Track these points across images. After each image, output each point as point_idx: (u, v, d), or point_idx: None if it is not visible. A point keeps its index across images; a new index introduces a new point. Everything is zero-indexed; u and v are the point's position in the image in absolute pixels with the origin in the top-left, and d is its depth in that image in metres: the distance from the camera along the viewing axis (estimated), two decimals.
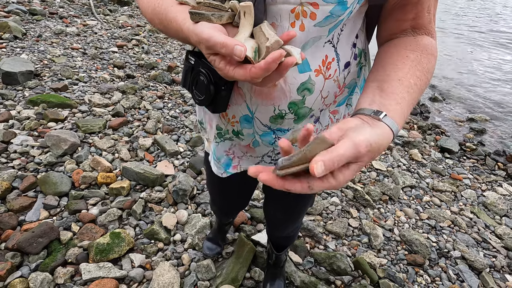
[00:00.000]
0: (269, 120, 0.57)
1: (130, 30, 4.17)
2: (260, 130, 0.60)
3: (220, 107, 0.56)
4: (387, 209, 1.94)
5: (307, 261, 1.49)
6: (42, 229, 1.32)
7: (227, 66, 0.39)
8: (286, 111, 0.55)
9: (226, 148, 0.72)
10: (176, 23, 0.45)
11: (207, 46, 0.39)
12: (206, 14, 0.41)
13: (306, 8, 0.44)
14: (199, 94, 0.54)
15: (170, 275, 1.28)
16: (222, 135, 0.67)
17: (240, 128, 0.62)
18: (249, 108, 0.57)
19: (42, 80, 2.49)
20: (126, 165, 1.74)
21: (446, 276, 1.54)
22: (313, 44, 0.49)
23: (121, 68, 3.09)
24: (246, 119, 0.59)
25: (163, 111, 2.51)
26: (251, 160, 0.71)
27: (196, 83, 0.53)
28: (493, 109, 3.73)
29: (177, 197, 1.67)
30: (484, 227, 1.91)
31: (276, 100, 0.54)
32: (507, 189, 2.29)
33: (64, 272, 1.22)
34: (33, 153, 1.75)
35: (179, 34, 0.46)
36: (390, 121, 0.42)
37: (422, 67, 0.50)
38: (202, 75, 0.51)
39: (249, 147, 0.67)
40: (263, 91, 0.53)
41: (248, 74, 0.38)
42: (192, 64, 0.53)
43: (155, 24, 0.52)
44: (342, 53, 0.54)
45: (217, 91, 0.52)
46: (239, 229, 1.60)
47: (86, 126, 2.03)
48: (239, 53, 0.36)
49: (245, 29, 0.42)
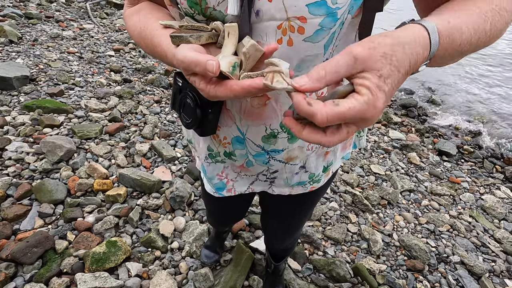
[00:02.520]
0: (261, 140, 0.56)
1: (126, 34, 4.15)
2: (253, 150, 0.59)
3: (208, 130, 0.55)
4: (386, 213, 1.93)
5: (306, 268, 1.48)
6: (37, 238, 1.30)
7: (207, 86, 0.38)
8: (279, 130, 0.54)
9: (218, 171, 0.70)
10: (161, 48, 0.44)
11: (184, 67, 0.37)
12: (185, 36, 0.40)
13: (293, 23, 0.41)
14: (186, 117, 0.52)
15: (168, 284, 1.26)
16: (214, 157, 0.66)
17: (232, 149, 0.61)
18: (240, 130, 0.56)
19: (37, 85, 2.47)
20: (123, 172, 1.73)
21: (446, 282, 1.53)
22: (310, 64, 0.47)
23: (117, 72, 3.07)
24: (238, 140, 0.58)
25: (160, 115, 2.49)
26: (246, 180, 0.70)
27: (184, 105, 0.52)
28: (491, 112, 3.75)
29: (174, 203, 1.65)
30: (483, 231, 1.90)
31: (267, 120, 0.52)
32: (505, 192, 2.29)
33: (59, 283, 1.20)
34: (28, 160, 1.72)
35: (164, 59, 0.45)
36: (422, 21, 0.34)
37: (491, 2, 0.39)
38: (189, 97, 0.50)
39: (243, 167, 0.65)
40: (253, 112, 0.51)
41: (229, 91, 0.36)
42: (180, 86, 0.52)
43: (142, 48, 0.51)
44: None
45: (204, 114, 0.50)
46: (237, 236, 1.58)
47: (82, 131, 2.00)
48: (211, 68, 0.34)
49: (228, 48, 0.41)
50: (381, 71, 0.30)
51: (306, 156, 0.62)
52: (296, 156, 0.60)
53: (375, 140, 2.79)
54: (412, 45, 0.32)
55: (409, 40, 0.32)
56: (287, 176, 0.66)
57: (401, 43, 0.31)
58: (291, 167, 0.63)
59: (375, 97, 0.30)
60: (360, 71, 0.31)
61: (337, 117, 0.30)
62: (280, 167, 0.63)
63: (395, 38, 0.31)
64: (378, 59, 0.30)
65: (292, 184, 0.68)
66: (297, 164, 0.63)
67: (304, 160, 0.62)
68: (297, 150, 0.59)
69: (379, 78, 0.30)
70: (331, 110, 0.30)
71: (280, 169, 0.63)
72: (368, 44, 0.31)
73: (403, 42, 0.31)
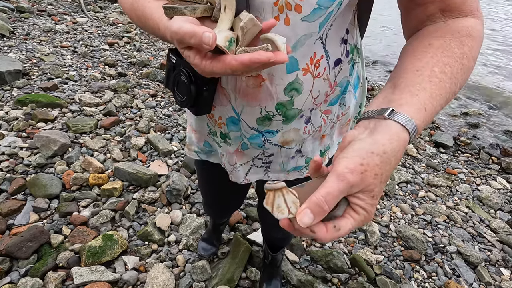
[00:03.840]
0: (256, 122, 0.55)
1: (121, 27, 4.09)
2: (248, 133, 0.58)
3: (203, 109, 0.53)
4: (383, 205, 1.94)
5: (303, 259, 1.48)
6: (31, 233, 1.28)
7: (203, 61, 0.36)
8: (274, 112, 0.52)
9: (218, 151, 0.69)
10: (153, 21, 0.42)
11: (178, 39, 0.35)
12: (179, 7, 0.38)
13: (290, 0, 0.40)
14: (180, 95, 0.51)
15: (165, 277, 1.26)
16: (213, 135, 0.65)
17: (227, 131, 0.60)
18: (235, 110, 0.54)
19: (30, 79, 2.43)
20: (119, 166, 1.71)
21: (442, 271, 1.54)
22: (304, 43, 0.46)
23: (112, 66, 3.03)
24: (233, 121, 0.57)
25: (156, 109, 2.47)
26: (242, 171, 0.69)
27: (177, 83, 0.50)
28: (487, 103, 3.75)
29: (171, 197, 1.64)
30: (479, 221, 1.91)
31: (262, 102, 0.51)
32: (501, 183, 2.30)
33: (55, 277, 1.19)
34: (22, 155, 1.70)
35: (156, 32, 0.43)
36: (401, 116, 0.35)
37: (451, 52, 0.40)
38: (183, 74, 0.48)
39: (238, 151, 0.64)
40: (248, 91, 0.50)
41: (227, 66, 0.34)
42: (174, 63, 0.50)
43: (134, 21, 0.49)
44: (331, 49, 0.50)
45: (198, 92, 0.49)
46: (234, 229, 1.58)
47: (76, 126, 1.98)
48: (207, 40, 0.32)
49: (224, 23, 0.39)
50: (373, 192, 0.33)
51: (302, 140, 0.61)
52: (292, 139, 0.59)
53: None
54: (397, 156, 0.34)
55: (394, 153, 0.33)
56: (282, 161, 0.65)
57: (388, 159, 0.33)
58: (287, 151, 0.62)
59: (370, 214, 0.34)
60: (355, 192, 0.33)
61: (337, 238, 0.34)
62: (276, 151, 0.62)
63: (382, 154, 0.33)
64: (371, 182, 0.32)
65: (288, 170, 0.67)
66: (293, 148, 0.62)
67: (300, 143, 0.61)
68: (293, 132, 0.58)
69: (372, 198, 0.33)
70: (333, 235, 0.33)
71: (276, 153, 0.62)
72: (359, 168, 0.32)
73: (390, 157, 0.33)
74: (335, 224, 0.33)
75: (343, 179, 0.31)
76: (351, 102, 0.64)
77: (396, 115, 0.35)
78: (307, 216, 0.31)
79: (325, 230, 0.33)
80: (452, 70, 0.40)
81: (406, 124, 0.34)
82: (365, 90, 0.68)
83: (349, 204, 0.34)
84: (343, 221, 0.33)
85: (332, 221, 0.34)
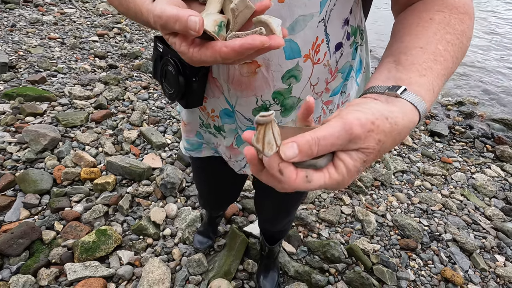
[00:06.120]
0: (252, 113, 0.51)
1: (111, 18, 3.99)
2: (244, 125, 0.55)
3: (193, 102, 0.49)
4: (379, 194, 1.93)
5: (300, 250, 1.47)
6: (22, 229, 1.25)
7: (190, 49, 0.32)
8: (271, 101, 0.49)
9: (214, 141, 0.66)
10: (135, 4, 0.38)
11: (161, 24, 0.31)
12: None
13: None
14: (168, 87, 0.47)
15: (161, 271, 1.24)
16: (206, 127, 0.62)
17: (221, 124, 0.56)
18: (228, 101, 0.51)
19: (17, 72, 2.36)
20: (111, 159, 1.67)
21: (438, 259, 1.55)
22: (305, 26, 0.42)
23: (102, 58, 2.95)
24: (227, 113, 0.53)
25: (148, 102, 2.41)
26: (237, 165, 0.66)
27: (165, 74, 0.46)
28: (482, 92, 3.76)
29: (165, 190, 1.61)
30: (474, 209, 1.92)
31: (257, 91, 0.48)
32: (496, 171, 2.32)
33: (48, 273, 1.16)
34: (11, 150, 1.65)
35: (139, 17, 0.39)
36: (413, 96, 0.33)
37: (453, 29, 0.38)
38: (170, 64, 0.44)
39: (232, 148, 0.61)
40: (242, 80, 0.46)
41: (217, 54, 0.31)
42: (161, 52, 0.46)
43: (115, 5, 0.45)
44: (332, 32, 0.46)
45: (187, 83, 0.45)
46: (230, 221, 1.56)
47: (67, 119, 1.93)
48: (193, 25, 0.29)
49: (213, 5, 0.35)
50: (367, 157, 0.30)
51: None
52: None
53: None
54: (403, 134, 0.32)
55: (403, 129, 0.31)
56: None
57: (397, 132, 0.31)
58: None
59: (349, 178, 0.30)
60: (348, 145, 0.29)
61: (304, 190, 0.30)
62: None
63: (393, 124, 0.30)
64: (371, 145, 0.29)
65: None
66: None
67: None
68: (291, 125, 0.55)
69: (363, 162, 0.30)
70: (300, 185, 0.28)
71: None
72: (369, 125, 0.29)
73: (399, 131, 0.31)
74: (307, 174, 0.29)
75: (348, 129, 0.28)
76: (352, 89, 0.61)
77: (409, 95, 0.33)
78: (292, 150, 0.27)
79: (294, 176, 0.28)
80: (454, 49, 0.38)
81: (418, 105, 0.32)
82: (368, 76, 0.64)
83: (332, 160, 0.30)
84: (317, 174, 0.29)
85: (305, 170, 0.29)
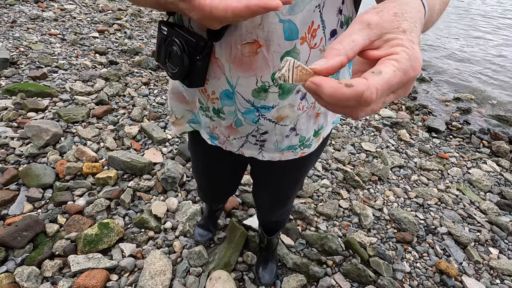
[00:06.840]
0: (251, 94, 0.54)
1: (111, 14, 3.99)
2: (243, 107, 0.57)
3: (196, 81, 0.52)
4: (376, 189, 1.97)
5: (299, 243, 1.50)
6: (26, 222, 1.28)
7: None
8: (270, 83, 0.52)
9: (210, 125, 0.68)
10: None
11: None
12: None
13: None
14: (172, 67, 0.49)
15: (162, 263, 1.27)
16: (205, 110, 0.64)
17: (220, 106, 0.59)
18: (229, 82, 0.54)
19: (19, 68, 2.38)
20: (112, 154, 1.70)
21: (434, 252, 1.58)
22: (304, 7, 0.45)
23: (103, 54, 2.97)
24: (227, 94, 0.56)
25: (149, 97, 2.44)
26: (236, 143, 0.69)
27: (169, 54, 0.49)
28: (479, 89, 3.78)
29: (166, 185, 1.64)
30: (469, 203, 1.96)
31: (258, 71, 0.51)
32: (491, 166, 2.35)
33: (52, 265, 1.19)
34: (13, 145, 1.68)
35: None
36: None
37: None
38: (175, 44, 0.47)
39: (231, 127, 0.63)
40: (244, 60, 0.49)
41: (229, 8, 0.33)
42: (165, 35, 0.49)
43: None
44: (328, 19, 0.49)
45: (191, 62, 0.48)
46: (230, 215, 1.59)
47: (68, 115, 1.95)
48: None
49: None
50: (402, 27, 0.27)
51: (296, 116, 0.60)
52: (286, 116, 0.59)
53: (366, 119, 2.80)
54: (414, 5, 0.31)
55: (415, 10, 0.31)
56: (277, 139, 0.64)
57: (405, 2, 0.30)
58: (282, 128, 0.62)
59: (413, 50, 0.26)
60: (378, 36, 0.27)
61: (387, 86, 0.24)
62: (270, 128, 0.61)
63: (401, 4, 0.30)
64: (392, 19, 0.28)
65: (282, 149, 0.67)
66: (287, 125, 0.61)
67: (294, 121, 0.61)
68: (288, 109, 0.58)
69: (404, 33, 0.27)
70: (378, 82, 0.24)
71: (270, 130, 0.62)
72: (373, 10, 0.29)
73: (406, 2, 0.31)
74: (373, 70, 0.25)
75: (359, 20, 0.28)
76: (345, 78, 0.64)
77: None
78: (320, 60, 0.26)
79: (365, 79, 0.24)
80: None
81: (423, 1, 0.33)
82: None
83: None
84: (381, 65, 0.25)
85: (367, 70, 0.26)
